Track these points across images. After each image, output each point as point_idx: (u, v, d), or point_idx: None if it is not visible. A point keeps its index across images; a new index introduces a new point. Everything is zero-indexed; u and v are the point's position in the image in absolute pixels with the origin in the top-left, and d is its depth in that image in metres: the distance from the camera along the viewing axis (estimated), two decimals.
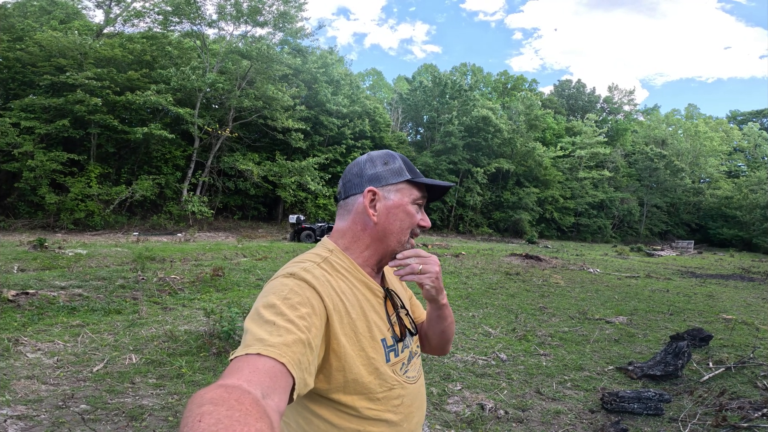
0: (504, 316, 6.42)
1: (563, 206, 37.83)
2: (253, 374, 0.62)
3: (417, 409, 0.96)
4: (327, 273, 0.87)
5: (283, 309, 0.74)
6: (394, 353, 0.92)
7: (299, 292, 0.78)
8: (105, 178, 19.53)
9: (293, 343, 0.69)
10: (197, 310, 5.55)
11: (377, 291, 0.95)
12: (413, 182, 0.96)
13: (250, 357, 0.65)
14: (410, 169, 0.98)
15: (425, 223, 0.98)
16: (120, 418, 2.82)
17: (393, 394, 0.89)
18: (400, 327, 0.95)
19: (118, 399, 3.07)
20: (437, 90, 34.71)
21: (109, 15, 22.20)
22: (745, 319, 6.82)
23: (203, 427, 0.45)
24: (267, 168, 23.20)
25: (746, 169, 50.48)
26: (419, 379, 1.00)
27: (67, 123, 17.55)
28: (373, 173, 0.97)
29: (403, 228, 0.94)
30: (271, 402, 0.59)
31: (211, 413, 0.47)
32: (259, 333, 0.70)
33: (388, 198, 0.95)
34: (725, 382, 3.91)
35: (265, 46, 22.12)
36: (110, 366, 3.67)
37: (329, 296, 0.83)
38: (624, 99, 54.59)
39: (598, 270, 13.28)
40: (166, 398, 3.13)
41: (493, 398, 3.32)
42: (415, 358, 1.00)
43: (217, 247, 13.55)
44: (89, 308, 5.51)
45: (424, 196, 0.98)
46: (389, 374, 0.89)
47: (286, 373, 0.65)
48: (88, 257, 9.61)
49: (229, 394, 0.52)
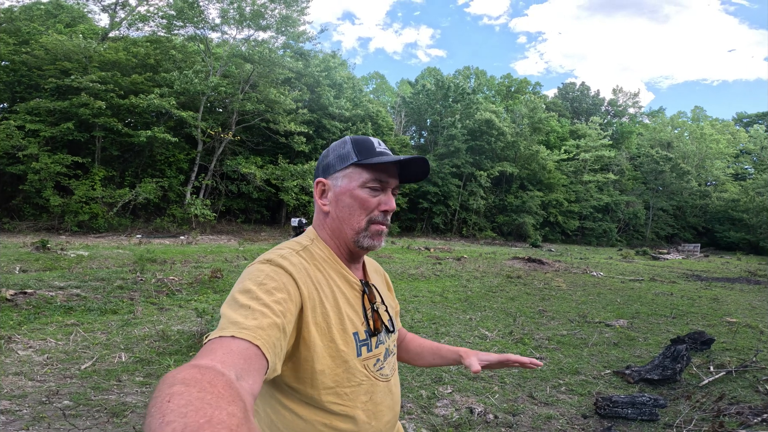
0: (502, 319, 6.35)
1: (567, 210, 37.56)
2: (227, 355, 0.60)
3: (388, 408, 0.94)
4: (305, 261, 0.87)
5: (259, 293, 0.74)
6: (366, 348, 0.90)
7: (275, 277, 0.78)
8: (109, 180, 19.66)
9: (268, 326, 0.69)
10: (192, 311, 5.54)
11: (354, 284, 0.93)
12: (360, 164, 0.91)
13: (224, 339, 0.65)
14: (361, 151, 0.91)
15: (387, 206, 0.92)
16: (101, 414, 2.83)
17: (361, 390, 0.87)
18: (375, 322, 0.93)
19: (102, 396, 3.08)
20: (440, 93, 34.69)
21: (114, 19, 22.44)
22: (749, 322, 6.70)
23: (172, 407, 0.43)
24: (269, 171, 23.25)
25: (753, 171, 49.93)
26: (392, 378, 0.98)
27: (72, 126, 17.70)
28: (325, 163, 0.96)
29: (354, 214, 0.91)
30: (245, 384, 0.58)
31: (182, 394, 0.45)
32: (234, 317, 0.69)
33: (336, 185, 0.93)
34: (725, 387, 3.82)
35: (267, 49, 22.23)
36: (98, 364, 3.68)
37: (305, 284, 0.82)
38: (629, 102, 54.28)
39: (602, 273, 13.13)
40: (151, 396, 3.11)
41: (484, 402, 3.26)
42: (390, 357, 0.98)
43: (218, 249, 13.57)
44: (86, 308, 5.55)
45: (379, 179, 0.91)
46: (359, 369, 0.87)
47: (260, 355, 0.65)
48: (90, 259, 9.66)
49: (202, 375, 0.50)
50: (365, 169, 0.91)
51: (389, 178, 0.93)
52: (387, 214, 0.93)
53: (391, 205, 0.92)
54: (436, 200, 31.33)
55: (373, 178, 0.91)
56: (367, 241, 0.91)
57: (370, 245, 0.92)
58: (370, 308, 0.94)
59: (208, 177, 22.45)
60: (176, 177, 21.41)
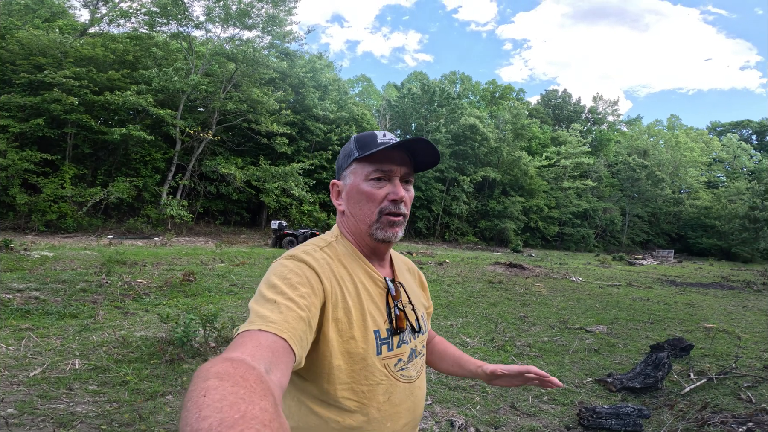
0: (483, 325, 6.23)
1: (548, 216, 38.10)
2: (256, 349, 0.62)
3: (406, 410, 0.91)
4: (328, 257, 0.88)
5: (284, 288, 0.76)
6: (387, 346, 0.88)
7: (299, 272, 0.80)
8: (80, 179, 18.91)
9: (294, 320, 0.71)
10: (158, 316, 5.24)
11: (378, 281, 0.93)
12: (361, 159, 0.91)
13: (253, 332, 0.67)
14: (362, 146, 0.92)
15: (393, 195, 0.90)
16: (47, 424, 2.62)
17: (379, 389, 0.86)
18: (398, 320, 0.91)
19: (50, 405, 2.86)
20: (426, 97, 34.79)
21: (95, 15, 21.69)
22: (726, 327, 6.76)
23: (208, 402, 0.44)
24: (250, 173, 22.78)
25: (725, 179, 51.75)
26: (416, 381, 0.95)
27: (42, 122, 17.00)
28: (338, 165, 0.99)
29: (364, 209, 0.91)
30: (274, 377, 0.59)
31: (216, 388, 0.46)
32: (261, 311, 0.72)
33: (346, 184, 0.95)
34: (707, 394, 3.77)
35: (252, 49, 21.84)
36: (49, 371, 3.43)
37: (328, 279, 0.83)
38: (608, 109, 55.59)
39: (581, 279, 13.24)
40: (104, 406, 2.90)
41: (465, 414, 3.10)
42: (417, 358, 0.96)
43: (194, 252, 13.13)
44: (43, 312, 5.22)
45: (381, 169, 0.90)
46: (378, 367, 0.86)
47: (288, 348, 0.67)
48: (54, 260, 9.16)
49: (234, 369, 0.51)
50: (366, 162, 0.91)
51: (393, 166, 0.91)
52: (397, 204, 0.91)
53: (398, 194, 0.90)
54: (419, 204, 31.32)
55: (375, 169, 0.90)
56: (380, 233, 0.91)
57: (385, 237, 0.91)
58: (394, 306, 0.92)
59: (186, 177, 21.84)
60: (152, 176, 20.75)
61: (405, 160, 0.92)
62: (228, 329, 4.41)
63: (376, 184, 0.90)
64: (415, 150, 0.92)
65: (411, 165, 0.94)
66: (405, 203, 0.92)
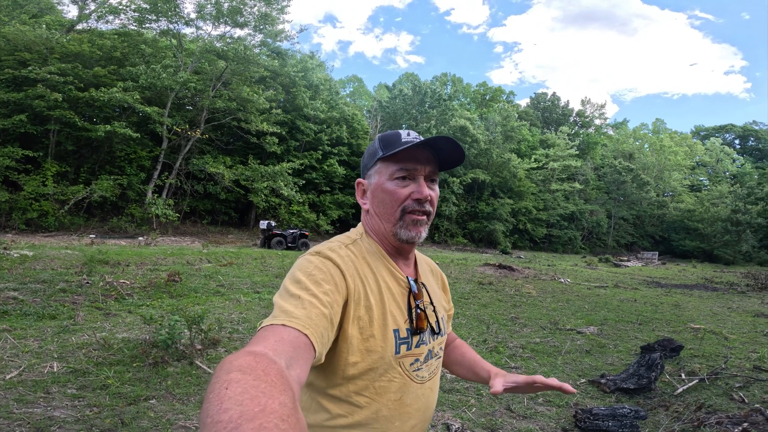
0: (476, 326, 6.19)
1: (536, 217, 38.42)
2: (278, 343, 0.63)
3: (417, 411, 0.91)
4: (353, 254, 0.88)
5: (308, 284, 0.77)
6: (406, 346, 0.88)
7: (323, 269, 0.80)
8: (62, 177, 18.43)
9: (316, 316, 0.72)
10: (141, 317, 5.07)
11: (401, 280, 0.93)
12: (385, 158, 0.91)
13: (276, 327, 0.67)
14: (386, 144, 0.92)
15: (418, 194, 0.90)
16: (23, 428, 2.50)
17: (392, 387, 0.86)
18: (419, 320, 0.91)
19: (27, 409, 2.73)
20: (417, 98, 34.83)
21: (84, 11, 21.19)
22: (713, 328, 6.83)
23: (230, 394, 0.45)
24: (239, 172, 22.48)
25: (708, 183, 52.86)
26: (429, 382, 0.95)
27: (25, 118, 16.56)
28: (363, 164, 0.99)
29: (387, 208, 0.91)
30: (294, 372, 0.60)
31: (239, 381, 0.47)
32: (285, 306, 0.72)
33: (371, 183, 0.95)
34: (700, 395, 3.76)
35: (243, 47, 21.56)
36: (26, 374, 3.28)
37: (352, 276, 0.83)
38: (595, 113, 56.37)
39: (569, 280, 13.33)
40: (83, 410, 2.76)
41: (461, 417, 3.03)
42: (433, 359, 0.96)
43: (180, 251, 12.87)
44: (21, 312, 5.04)
45: (405, 168, 0.90)
46: (393, 366, 0.86)
47: (309, 344, 0.67)
48: (34, 259, 8.87)
49: (256, 363, 0.52)
50: (390, 161, 0.91)
51: (418, 165, 0.90)
52: (422, 203, 0.91)
53: (422, 193, 0.90)
54: None
55: (399, 168, 0.90)
56: (404, 233, 0.91)
57: (409, 237, 0.91)
58: (415, 306, 0.92)
59: (173, 176, 21.45)
60: (137, 175, 20.33)
61: (430, 159, 0.92)
62: (215, 331, 4.28)
63: (401, 183, 0.90)
64: (439, 148, 0.92)
65: (436, 163, 0.93)
66: (430, 202, 0.92)
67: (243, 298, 6.85)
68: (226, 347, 4.23)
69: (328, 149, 28.01)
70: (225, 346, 4.25)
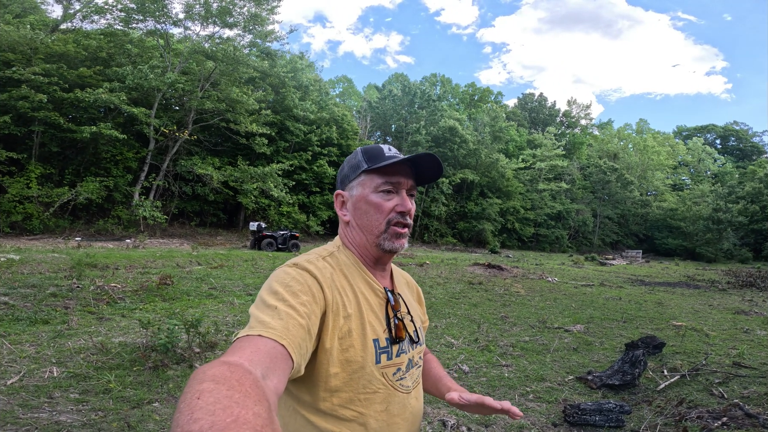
0: (467, 326, 6.33)
1: (524, 217, 38.94)
2: (254, 354, 0.62)
3: (404, 421, 0.91)
4: (330, 266, 0.89)
5: (285, 295, 0.76)
6: (386, 355, 0.89)
7: (300, 280, 0.80)
8: (47, 179, 18.10)
9: (294, 327, 0.71)
10: (137, 321, 5.08)
11: (378, 291, 0.94)
12: (370, 170, 0.93)
13: (252, 338, 0.67)
14: (370, 158, 0.94)
15: (401, 207, 0.93)
16: None
17: (377, 398, 0.86)
18: (398, 329, 0.92)
19: (32, 414, 2.75)
20: (406, 99, 34.99)
21: (69, 10, 20.80)
22: (694, 325, 7.08)
23: (201, 404, 0.44)
24: (228, 173, 22.32)
25: (690, 182, 54.15)
26: (414, 391, 0.96)
27: (9, 120, 16.22)
28: (342, 175, 0.99)
29: (372, 220, 0.93)
30: (270, 383, 0.59)
31: (211, 391, 0.46)
32: (261, 317, 0.72)
33: (353, 195, 0.96)
34: (681, 390, 3.94)
35: (232, 47, 21.41)
36: (27, 379, 3.29)
37: (330, 288, 0.84)
38: (581, 113, 57.37)
39: (556, 279, 13.60)
40: (89, 415, 2.80)
41: (456, 413, 3.15)
42: (414, 368, 0.97)
43: (169, 254, 12.78)
44: (13, 318, 5.00)
45: (390, 181, 0.93)
46: (376, 376, 0.86)
47: (286, 355, 0.67)
48: (21, 263, 8.74)
49: (231, 373, 0.51)
50: (376, 174, 0.93)
51: (401, 179, 0.93)
52: (405, 215, 0.93)
53: (406, 206, 0.93)
54: None
55: (385, 182, 0.93)
56: (388, 244, 0.92)
57: (392, 247, 0.93)
58: (394, 316, 0.93)
59: (160, 177, 21.21)
60: (123, 176, 20.05)
61: (410, 174, 0.95)
62: (212, 334, 4.33)
63: (385, 196, 0.92)
64: (420, 164, 0.95)
65: (414, 179, 0.97)
66: (410, 214, 0.95)
67: (236, 300, 6.89)
68: (224, 350, 4.28)
69: (318, 150, 27.98)
70: (222, 348, 4.31)
